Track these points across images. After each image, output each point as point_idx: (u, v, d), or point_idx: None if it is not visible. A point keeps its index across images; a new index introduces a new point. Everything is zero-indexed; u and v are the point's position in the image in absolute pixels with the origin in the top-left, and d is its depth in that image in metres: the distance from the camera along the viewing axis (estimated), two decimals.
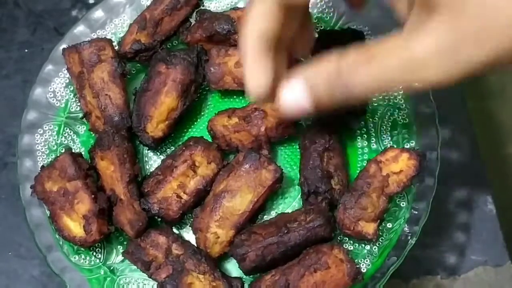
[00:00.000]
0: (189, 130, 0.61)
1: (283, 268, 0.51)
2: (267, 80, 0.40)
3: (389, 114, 0.60)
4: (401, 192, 0.54)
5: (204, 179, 0.55)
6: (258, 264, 0.51)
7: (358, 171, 0.56)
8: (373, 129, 0.60)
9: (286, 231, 0.51)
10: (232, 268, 0.55)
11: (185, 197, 0.55)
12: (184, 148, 0.57)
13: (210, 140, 0.58)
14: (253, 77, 0.40)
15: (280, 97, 0.40)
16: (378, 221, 0.54)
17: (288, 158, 0.60)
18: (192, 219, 0.55)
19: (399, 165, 0.54)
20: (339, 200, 0.54)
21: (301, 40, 0.47)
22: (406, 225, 0.54)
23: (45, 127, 0.60)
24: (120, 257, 0.56)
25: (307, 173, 0.55)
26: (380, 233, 0.54)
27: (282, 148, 0.60)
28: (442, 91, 0.64)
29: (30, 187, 0.55)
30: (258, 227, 0.53)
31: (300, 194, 0.57)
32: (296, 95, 0.38)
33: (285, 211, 0.57)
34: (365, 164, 0.56)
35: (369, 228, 0.53)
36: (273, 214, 0.57)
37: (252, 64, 0.40)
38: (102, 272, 0.55)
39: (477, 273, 0.60)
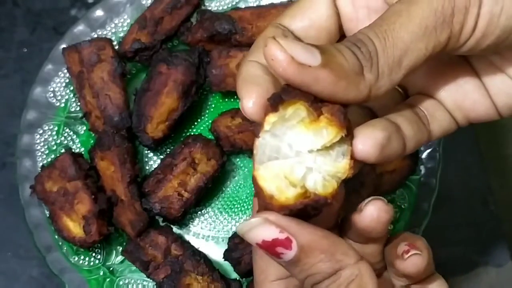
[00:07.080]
0: (190, 130, 0.61)
1: None
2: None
3: None
4: (394, 191, 0.54)
5: (204, 176, 0.55)
6: None
7: None
8: None
9: None
10: (231, 269, 0.55)
11: (186, 195, 0.55)
12: (183, 146, 0.56)
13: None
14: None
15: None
16: None
17: None
18: (192, 220, 0.55)
19: (393, 164, 0.53)
20: None
21: None
22: (407, 227, 0.54)
23: (45, 127, 0.60)
24: (120, 258, 0.56)
25: None
26: None
27: None
28: None
29: (30, 187, 0.55)
30: None
31: None
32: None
33: None
34: None
35: None
36: None
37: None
38: (101, 273, 0.55)
39: (478, 273, 0.60)
